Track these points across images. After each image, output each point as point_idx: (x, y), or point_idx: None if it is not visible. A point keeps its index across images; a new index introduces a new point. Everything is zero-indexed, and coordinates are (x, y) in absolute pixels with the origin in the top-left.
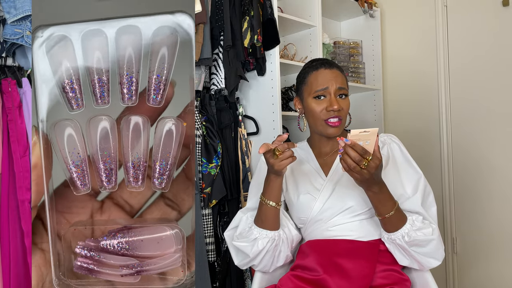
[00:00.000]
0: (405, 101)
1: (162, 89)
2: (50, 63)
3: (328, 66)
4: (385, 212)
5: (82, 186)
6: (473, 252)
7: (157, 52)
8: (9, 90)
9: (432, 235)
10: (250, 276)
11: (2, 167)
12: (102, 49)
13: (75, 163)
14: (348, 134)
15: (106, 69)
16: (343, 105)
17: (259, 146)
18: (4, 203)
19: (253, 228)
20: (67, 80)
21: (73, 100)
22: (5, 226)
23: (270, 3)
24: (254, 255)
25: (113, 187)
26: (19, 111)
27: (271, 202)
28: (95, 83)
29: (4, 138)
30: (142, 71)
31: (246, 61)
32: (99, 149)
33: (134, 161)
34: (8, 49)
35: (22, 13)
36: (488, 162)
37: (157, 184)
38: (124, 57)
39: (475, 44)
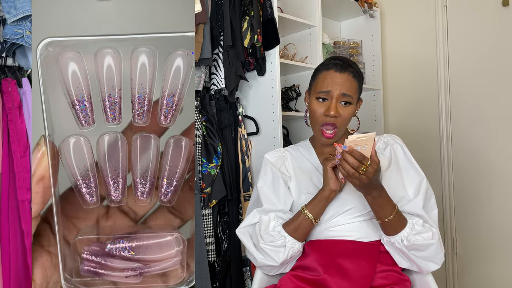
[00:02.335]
0: (405, 101)
1: (174, 109)
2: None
3: (339, 69)
4: (384, 216)
5: (91, 201)
6: (473, 252)
7: (170, 73)
8: (9, 90)
9: (432, 239)
10: (250, 276)
11: (2, 167)
12: (116, 65)
13: (83, 179)
14: (346, 140)
15: (118, 88)
16: (343, 113)
17: (259, 146)
18: (4, 203)
19: (284, 233)
20: (76, 96)
21: (83, 119)
22: (5, 226)
23: (270, 3)
24: (283, 262)
25: (120, 201)
26: (19, 111)
27: (314, 218)
28: (106, 101)
29: (4, 138)
30: (155, 91)
31: (246, 61)
32: (108, 165)
33: (143, 176)
34: (8, 49)
35: (22, 13)
36: (488, 162)
37: (163, 198)
38: (136, 75)
39: (475, 44)
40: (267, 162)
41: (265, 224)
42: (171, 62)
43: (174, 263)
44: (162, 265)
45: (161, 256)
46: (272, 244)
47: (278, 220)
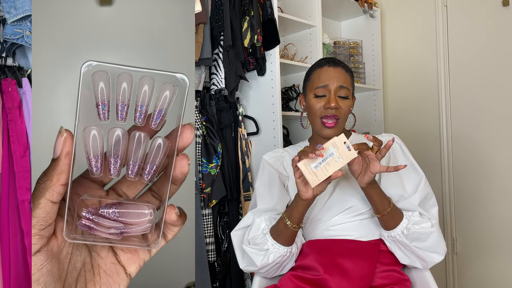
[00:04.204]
0: (405, 101)
1: (161, 119)
2: (92, 84)
3: (332, 64)
4: (384, 208)
5: (96, 171)
6: (473, 252)
7: (162, 95)
8: (9, 90)
9: (431, 227)
10: (250, 276)
11: (2, 167)
12: (128, 84)
13: (95, 156)
14: (335, 138)
15: (128, 99)
16: (342, 105)
17: (259, 146)
18: (4, 203)
19: (268, 237)
20: (101, 100)
21: (102, 115)
22: (5, 226)
23: (270, 3)
24: (262, 266)
25: (116, 175)
26: (19, 111)
27: (294, 225)
28: (119, 106)
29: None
30: (151, 105)
31: (246, 61)
32: (112, 149)
33: (134, 161)
34: (8, 49)
35: (22, 13)
36: (488, 161)
37: (145, 178)
38: (141, 93)
39: (475, 44)
40: (265, 163)
41: (255, 226)
42: (163, 90)
43: (146, 228)
44: (137, 228)
45: (137, 221)
46: (255, 247)
47: (271, 222)
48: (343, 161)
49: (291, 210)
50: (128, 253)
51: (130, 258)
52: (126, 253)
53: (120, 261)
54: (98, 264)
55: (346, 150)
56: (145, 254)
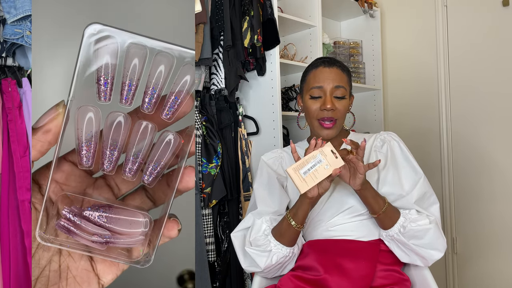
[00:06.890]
0: (405, 101)
1: (175, 109)
2: (94, 55)
3: (327, 64)
4: (379, 208)
5: (86, 163)
6: (473, 252)
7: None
8: (9, 90)
9: (429, 224)
10: (250, 276)
11: (2, 167)
12: (140, 60)
13: (87, 143)
14: (325, 143)
15: (138, 78)
16: (339, 106)
17: (259, 146)
18: (4, 203)
19: (270, 238)
20: (103, 74)
21: (103, 93)
22: (5, 226)
23: (270, 3)
24: (266, 267)
25: (110, 171)
26: (19, 111)
27: (298, 225)
28: (125, 85)
29: (4, 138)
30: (166, 89)
31: (246, 61)
32: (110, 138)
33: (134, 156)
34: (8, 49)
35: (22, 13)
36: (488, 161)
37: (145, 179)
38: (155, 73)
39: (475, 44)
40: (263, 163)
41: (256, 228)
42: (183, 73)
43: (138, 241)
44: (127, 240)
45: (128, 231)
46: (257, 249)
47: (272, 223)
48: (331, 168)
49: (296, 209)
50: (107, 262)
51: (107, 267)
52: (104, 261)
53: (95, 269)
54: (67, 266)
55: (334, 158)
56: (125, 264)
